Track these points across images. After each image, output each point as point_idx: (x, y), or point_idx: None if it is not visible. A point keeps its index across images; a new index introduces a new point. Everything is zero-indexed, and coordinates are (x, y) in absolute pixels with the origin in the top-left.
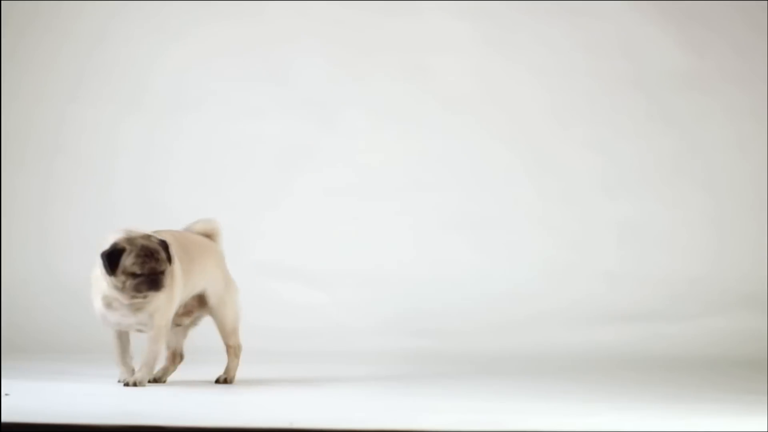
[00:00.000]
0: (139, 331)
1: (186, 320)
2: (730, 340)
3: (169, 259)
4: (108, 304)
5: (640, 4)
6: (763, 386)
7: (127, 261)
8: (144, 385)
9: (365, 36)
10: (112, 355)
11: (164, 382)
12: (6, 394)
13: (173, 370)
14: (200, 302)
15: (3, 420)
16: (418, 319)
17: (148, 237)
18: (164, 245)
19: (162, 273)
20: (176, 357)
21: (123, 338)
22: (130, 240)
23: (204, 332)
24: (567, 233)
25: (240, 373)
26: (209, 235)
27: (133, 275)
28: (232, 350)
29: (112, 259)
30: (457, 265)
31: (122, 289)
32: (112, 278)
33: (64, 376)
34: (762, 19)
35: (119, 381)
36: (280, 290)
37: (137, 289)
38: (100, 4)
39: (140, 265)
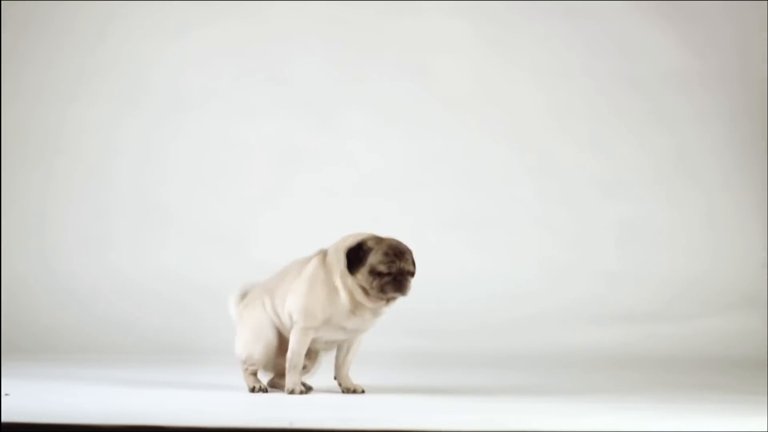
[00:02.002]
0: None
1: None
2: (730, 340)
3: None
4: (353, 308)
5: (640, 5)
6: (763, 386)
7: (374, 259)
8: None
9: (365, 36)
10: (291, 364)
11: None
12: (6, 394)
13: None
14: None
15: (3, 420)
16: (418, 318)
17: (394, 239)
18: (411, 253)
19: (411, 274)
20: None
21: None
22: (378, 239)
23: (203, 333)
24: (566, 233)
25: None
26: None
27: (380, 275)
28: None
29: (356, 256)
30: (456, 265)
31: (367, 289)
32: (357, 277)
33: (64, 376)
34: (761, 19)
35: (287, 391)
36: None
37: (382, 290)
38: (99, 4)
39: (389, 264)
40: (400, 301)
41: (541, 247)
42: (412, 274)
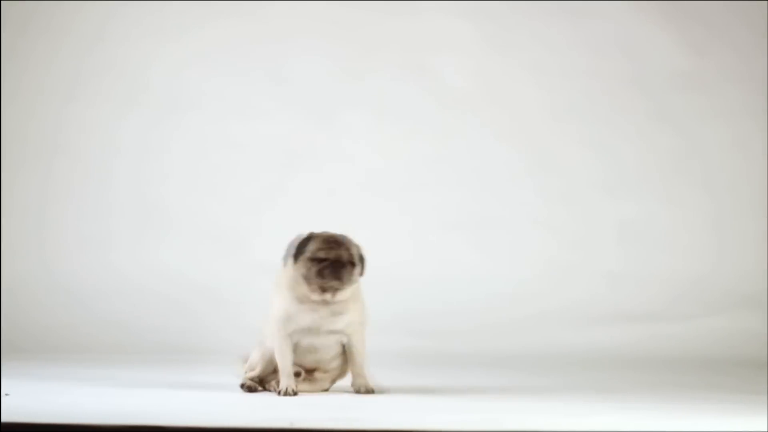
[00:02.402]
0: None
1: None
2: (731, 340)
3: (362, 264)
4: (300, 300)
5: (641, 5)
6: (764, 386)
7: (313, 246)
8: (373, 392)
9: (365, 35)
10: (280, 366)
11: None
12: (6, 394)
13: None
14: None
15: (3, 420)
16: (418, 319)
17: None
18: (358, 248)
19: (349, 264)
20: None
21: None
22: (320, 232)
23: (203, 333)
24: (567, 233)
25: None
26: None
27: (318, 261)
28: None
29: (299, 246)
30: (457, 265)
31: (307, 277)
32: (298, 265)
33: (64, 376)
34: (761, 20)
35: (278, 392)
36: None
37: (319, 275)
38: (98, 4)
39: (326, 250)
40: (400, 301)
41: (543, 246)
42: (353, 264)
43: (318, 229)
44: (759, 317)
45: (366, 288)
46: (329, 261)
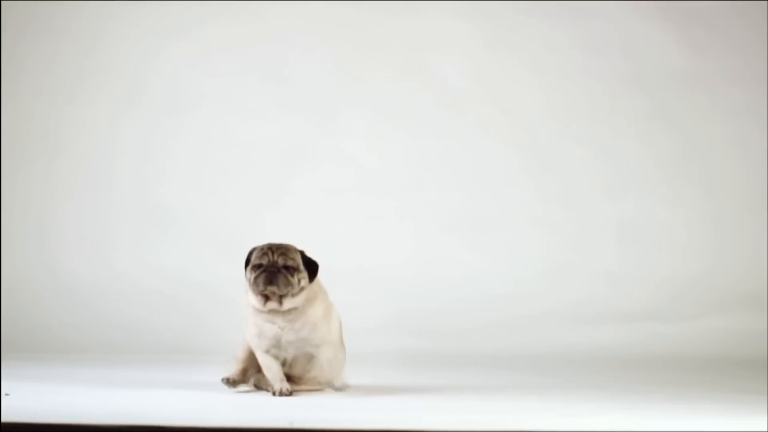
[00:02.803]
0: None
1: None
2: (730, 340)
3: (311, 269)
4: (256, 311)
5: (640, 4)
6: (763, 386)
7: (253, 256)
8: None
9: (365, 35)
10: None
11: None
12: (6, 394)
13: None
14: None
15: (3, 420)
16: (417, 318)
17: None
18: (303, 254)
19: (285, 269)
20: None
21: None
22: (263, 243)
23: (205, 333)
24: (566, 233)
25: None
26: None
27: (255, 268)
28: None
29: (246, 258)
30: (456, 265)
31: (251, 287)
32: (246, 276)
33: (64, 376)
34: (761, 20)
35: (272, 392)
36: None
37: (256, 282)
38: (99, 4)
39: (261, 257)
40: (399, 301)
41: (541, 246)
42: (290, 269)
43: (317, 229)
44: (758, 317)
45: (365, 287)
46: (263, 267)
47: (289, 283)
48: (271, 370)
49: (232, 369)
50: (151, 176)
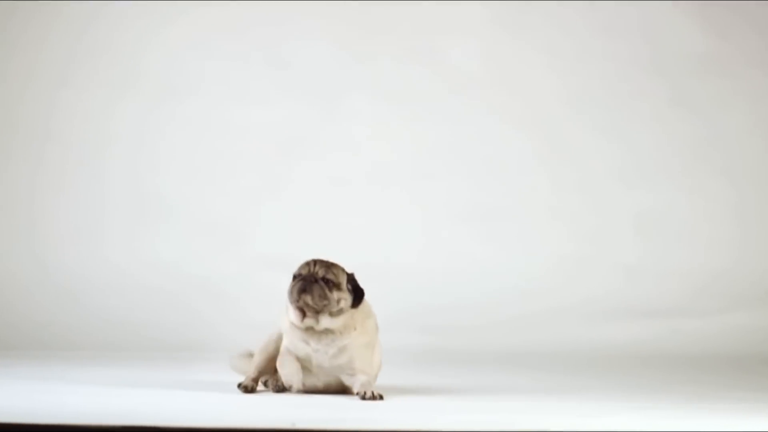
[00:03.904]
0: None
1: None
2: (755, 337)
3: (357, 294)
4: (292, 326)
5: None
6: None
7: (297, 268)
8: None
9: (371, 16)
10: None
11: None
12: None
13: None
14: None
15: None
16: (427, 314)
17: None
18: (352, 277)
19: (324, 281)
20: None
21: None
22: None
23: (201, 328)
24: (583, 225)
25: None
26: None
27: (294, 278)
28: None
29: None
30: (467, 258)
31: (289, 297)
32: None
33: (57, 374)
34: None
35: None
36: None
37: (292, 291)
38: None
39: (302, 267)
40: (409, 296)
41: (557, 239)
42: (328, 282)
43: (320, 221)
44: None
45: (373, 282)
46: (302, 276)
47: (324, 297)
48: (294, 377)
49: (248, 373)
50: (146, 165)
